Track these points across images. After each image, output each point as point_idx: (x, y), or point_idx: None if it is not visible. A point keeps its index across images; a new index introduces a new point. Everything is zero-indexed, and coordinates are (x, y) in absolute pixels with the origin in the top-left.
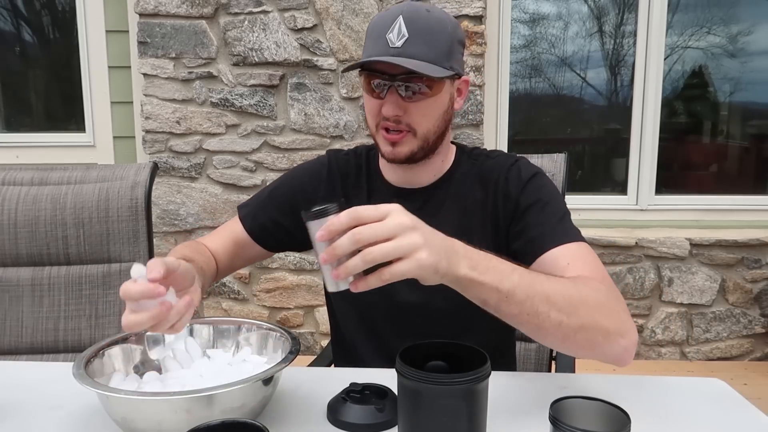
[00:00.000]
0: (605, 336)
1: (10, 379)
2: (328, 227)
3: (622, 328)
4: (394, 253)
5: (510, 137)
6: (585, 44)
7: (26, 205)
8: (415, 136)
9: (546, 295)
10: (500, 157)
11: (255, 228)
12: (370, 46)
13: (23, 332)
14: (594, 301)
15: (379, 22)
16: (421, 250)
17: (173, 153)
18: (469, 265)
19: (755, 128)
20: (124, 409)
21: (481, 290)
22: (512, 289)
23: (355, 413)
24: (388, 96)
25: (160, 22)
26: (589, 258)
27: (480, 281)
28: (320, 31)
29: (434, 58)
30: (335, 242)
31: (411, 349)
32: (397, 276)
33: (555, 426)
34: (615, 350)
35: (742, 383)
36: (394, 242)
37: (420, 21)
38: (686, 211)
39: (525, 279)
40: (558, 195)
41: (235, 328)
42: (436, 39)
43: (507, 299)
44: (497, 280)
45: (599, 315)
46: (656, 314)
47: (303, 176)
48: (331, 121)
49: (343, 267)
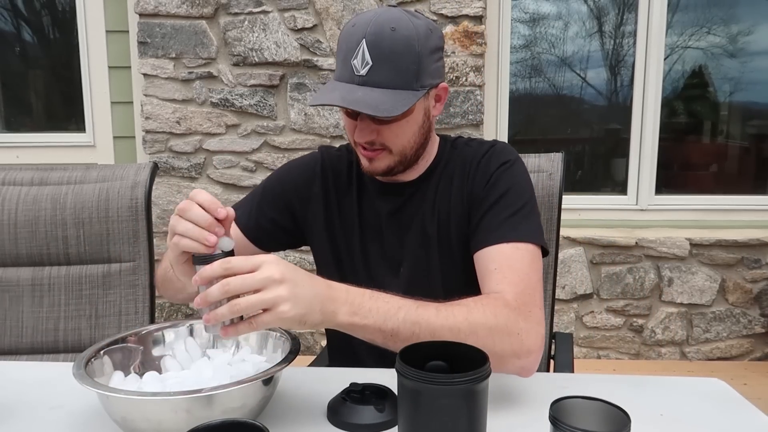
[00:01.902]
0: (499, 360)
1: (10, 379)
2: (201, 273)
3: (518, 349)
4: (258, 305)
5: (510, 137)
6: (585, 44)
7: (26, 205)
8: (391, 153)
9: (431, 331)
10: (476, 143)
11: (251, 227)
12: (339, 68)
13: (23, 332)
14: (485, 329)
15: (345, 43)
16: (284, 303)
17: (173, 153)
18: (349, 311)
19: (755, 128)
20: (124, 409)
21: (365, 332)
22: (396, 328)
23: (355, 413)
24: (359, 122)
25: (160, 22)
26: (517, 265)
27: (362, 325)
28: (320, 31)
29: (401, 82)
30: (207, 290)
31: (411, 349)
32: (261, 326)
33: (555, 426)
34: (512, 370)
35: (742, 383)
36: (260, 295)
37: (384, 45)
38: (686, 211)
39: (410, 316)
40: (523, 186)
41: None
42: (402, 62)
43: (392, 337)
44: (380, 321)
45: (490, 342)
46: (656, 314)
47: (296, 172)
48: (331, 121)
49: (213, 314)
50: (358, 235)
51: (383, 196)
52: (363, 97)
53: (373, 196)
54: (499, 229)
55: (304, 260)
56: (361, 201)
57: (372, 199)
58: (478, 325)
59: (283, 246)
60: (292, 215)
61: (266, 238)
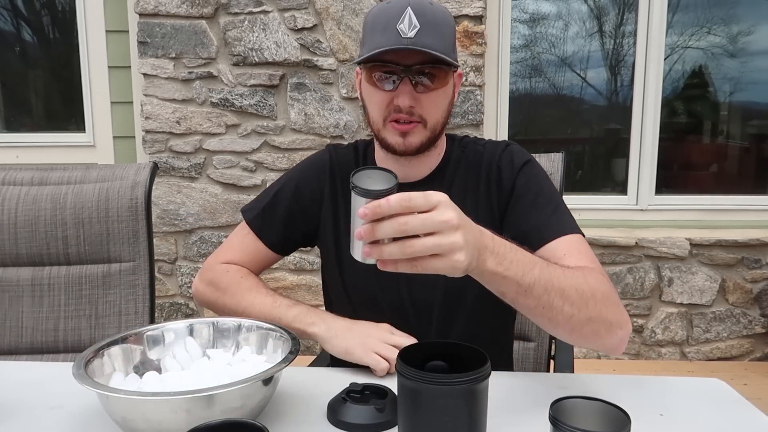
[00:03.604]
0: (608, 328)
1: (10, 379)
2: (375, 209)
3: (621, 319)
4: (434, 249)
5: (510, 137)
6: (585, 44)
7: (26, 205)
8: (425, 127)
9: (561, 289)
10: (489, 144)
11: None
12: (378, 37)
13: (23, 332)
14: (601, 294)
15: (383, 14)
16: (459, 252)
17: (173, 153)
18: (496, 260)
19: (755, 128)
20: (124, 409)
21: (503, 283)
22: (532, 283)
23: (355, 413)
24: (401, 87)
25: (160, 22)
26: (584, 249)
27: (503, 275)
28: (320, 31)
29: (444, 49)
30: (378, 225)
31: (411, 349)
32: (429, 270)
33: (555, 426)
34: (614, 341)
35: (742, 383)
36: (436, 239)
37: (428, 13)
38: (686, 211)
39: (544, 274)
40: (550, 183)
41: (235, 328)
42: (444, 31)
43: (526, 293)
44: (519, 274)
45: (604, 308)
46: (656, 314)
47: (308, 173)
48: (331, 121)
49: (377, 249)
50: None
51: None
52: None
53: None
54: (549, 225)
55: (303, 260)
56: None
57: None
58: (596, 290)
59: (297, 245)
60: (306, 217)
61: (284, 242)
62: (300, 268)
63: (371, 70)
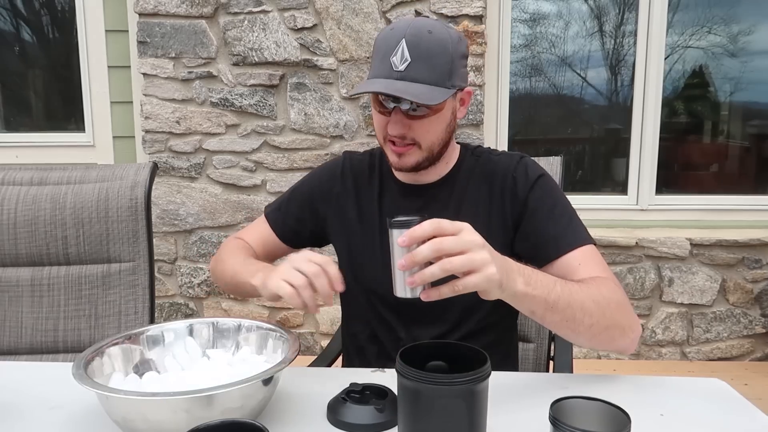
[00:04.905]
0: (621, 332)
1: (10, 379)
2: (412, 233)
3: (632, 322)
4: (468, 266)
5: (510, 137)
6: (585, 44)
7: (26, 205)
8: (420, 148)
9: (581, 302)
10: (504, 156)
11: (280, 227)
12: (376, 66)
13: (23, 332)
14: (615, 302)
15: (384, 43)
16: (490, 265)
17: (173, 153)
18: (525, 281)
19: (756, 128)
20: (124, 409)
21: (532, 302)
22: (556, 300)
23: (355, 413)
24: (393, 115)
25: (160, 21)
26: (597, 259)
27: (533, 295)
28: (320, 31)
29: (436, 79)
30: (415, 250)
31: (411, 349)
32: (470, 288)
33: (555, 426)
34: (626, 342)
35: (743, 383)
36: (468, 256)
37: (422, 45)
38: (687, 211)
39: (565, 290)
40: (564, 196)
41: (235, 328)
42: (437, 62)
43: (552, 309)
44: (545, 292)
45: (618, 314)
46: (657, 314)
47: (321, 175)
48: (331, 120)
49: (420, 274)
50: (378, 234)
51: (404, 198)
52: (404, 88)
53: (395, 196)
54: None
55: None
56: (382, 201)
57: (393, 199)
58: (611, 299)
59: (309, 243)
60: (315, 215)
61: (293, 235)
62: None
63: (373, 95)
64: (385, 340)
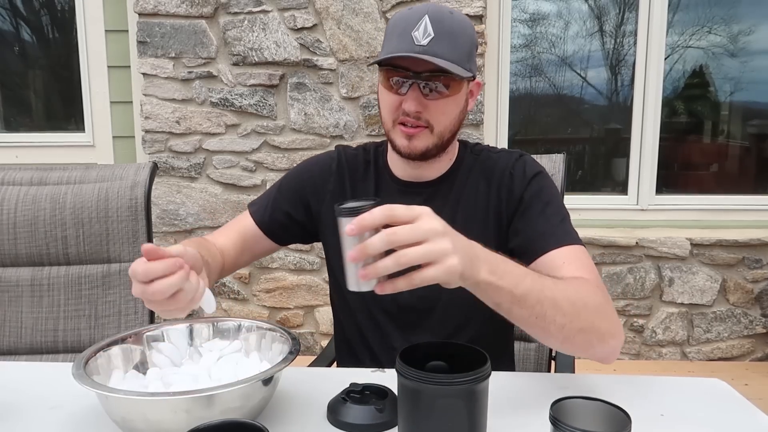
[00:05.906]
0: (600, 338)
1: (10, 379)
2: (360, 221)
3: (613, 329)
4: (426, 257)
5: (510, 137)
6: (585, 44)
7: (26, 205)
8: (432, 132)
9: (554, 299)
10: (504, 153)
11: (266, 221)
12: (394, 42)
13: (23, 332)
14: (594, 305)
15: (402, 20)
16: (451, 256)
17: (173, 153)
18: (489, 269)
19: (756, 128)
20: (124, 409)
21: (497, 294)
22: (525, 293)
23: (355, 413)
24: (410, 92)
25: (160, 21)
26: (584, 260)
27: (497, 285)
28: (320, 31)
29: (457, 58)
30: (367, 240)
31: (411, 349)
32: (427, 281)
33: (555, 426)
34: (605, 351)
35: (743, 383)
36: (426, 246)
37: (445, 22)
38: (687, 211)
39: (536, 284)
40: (559, 196)
41: (235, 328)
42: (459, 41)
43: (519, 303)
44: (512, 284)
45: (596, 318)
46: (657, 314)
47: (312, 169)
48: (331, 120)
49: (373, 267)
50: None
51: (402, 196)
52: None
53: (392, 194)
54: (554, 234)
55: (303, 260)
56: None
57: (390, 197)
58: (588, 300)
59: (297, 239)
60: (306, 210)
61: (281, 231)
62: (300, 268)
63: (386, 74)
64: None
